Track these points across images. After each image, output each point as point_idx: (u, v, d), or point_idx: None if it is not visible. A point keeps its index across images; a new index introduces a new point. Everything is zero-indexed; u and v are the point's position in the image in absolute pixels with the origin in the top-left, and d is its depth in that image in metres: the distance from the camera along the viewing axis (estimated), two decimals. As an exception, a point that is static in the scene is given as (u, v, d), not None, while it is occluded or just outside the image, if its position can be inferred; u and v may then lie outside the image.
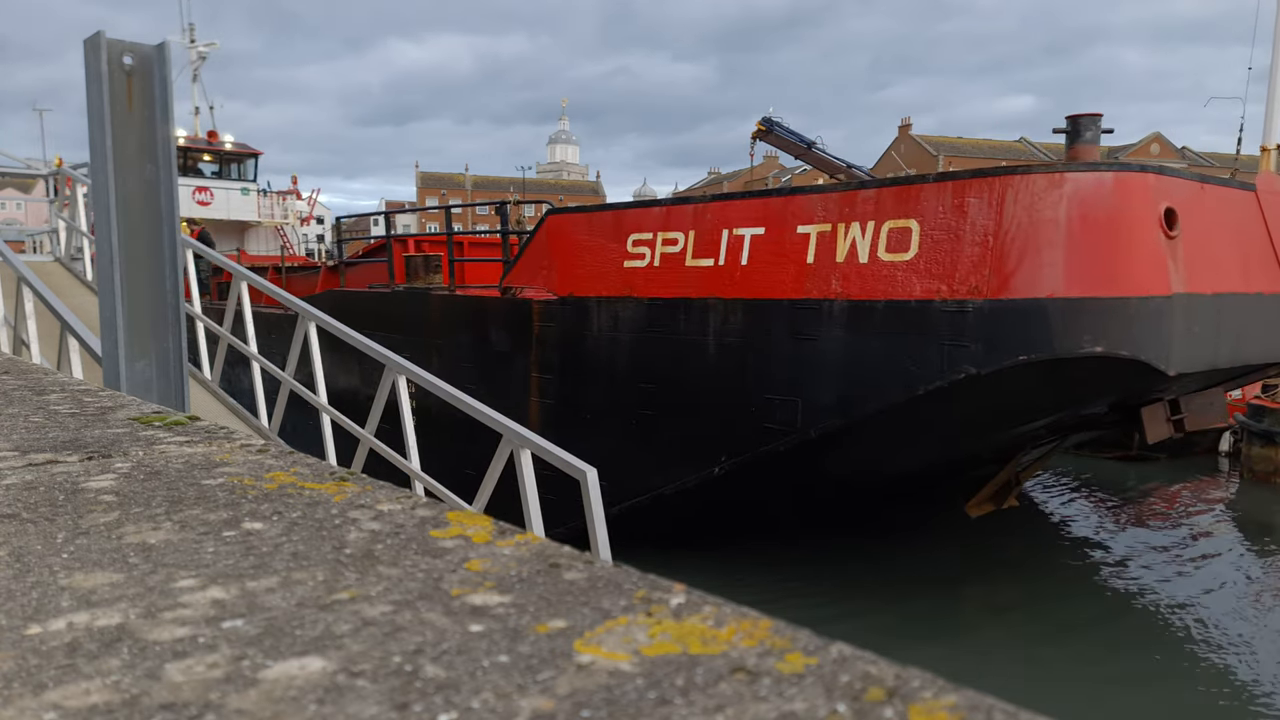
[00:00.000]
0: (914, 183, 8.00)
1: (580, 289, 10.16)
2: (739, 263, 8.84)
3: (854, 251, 8.14)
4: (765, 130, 30.39)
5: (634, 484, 9.70)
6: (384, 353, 6.17)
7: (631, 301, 9.69)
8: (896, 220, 7.95)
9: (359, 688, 0.79)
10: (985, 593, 9.83)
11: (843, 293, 8.17)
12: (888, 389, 8.00)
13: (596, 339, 10.02)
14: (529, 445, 5.16)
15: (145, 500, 1.51)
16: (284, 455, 1.84)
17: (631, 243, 9.67)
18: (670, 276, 9.38)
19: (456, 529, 1.26)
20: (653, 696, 0.75)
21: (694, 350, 9.21)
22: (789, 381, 8.59)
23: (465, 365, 11.31)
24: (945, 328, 7.67)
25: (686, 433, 9.36)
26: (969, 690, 0.73)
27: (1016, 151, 76.23)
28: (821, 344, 8.35)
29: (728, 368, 9.00)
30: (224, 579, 1.10)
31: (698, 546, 10.32)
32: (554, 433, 9.92)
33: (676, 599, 0.96)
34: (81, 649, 0.90)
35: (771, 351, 8.69)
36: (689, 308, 9.24)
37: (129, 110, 4.06)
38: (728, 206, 9.08)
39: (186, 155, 27.72)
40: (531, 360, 10.66)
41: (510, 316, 10.95)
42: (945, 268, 7.70)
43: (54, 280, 11.20)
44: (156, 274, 4.28)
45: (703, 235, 9.13)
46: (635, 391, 9.72)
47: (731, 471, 9.09)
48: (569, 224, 10.41)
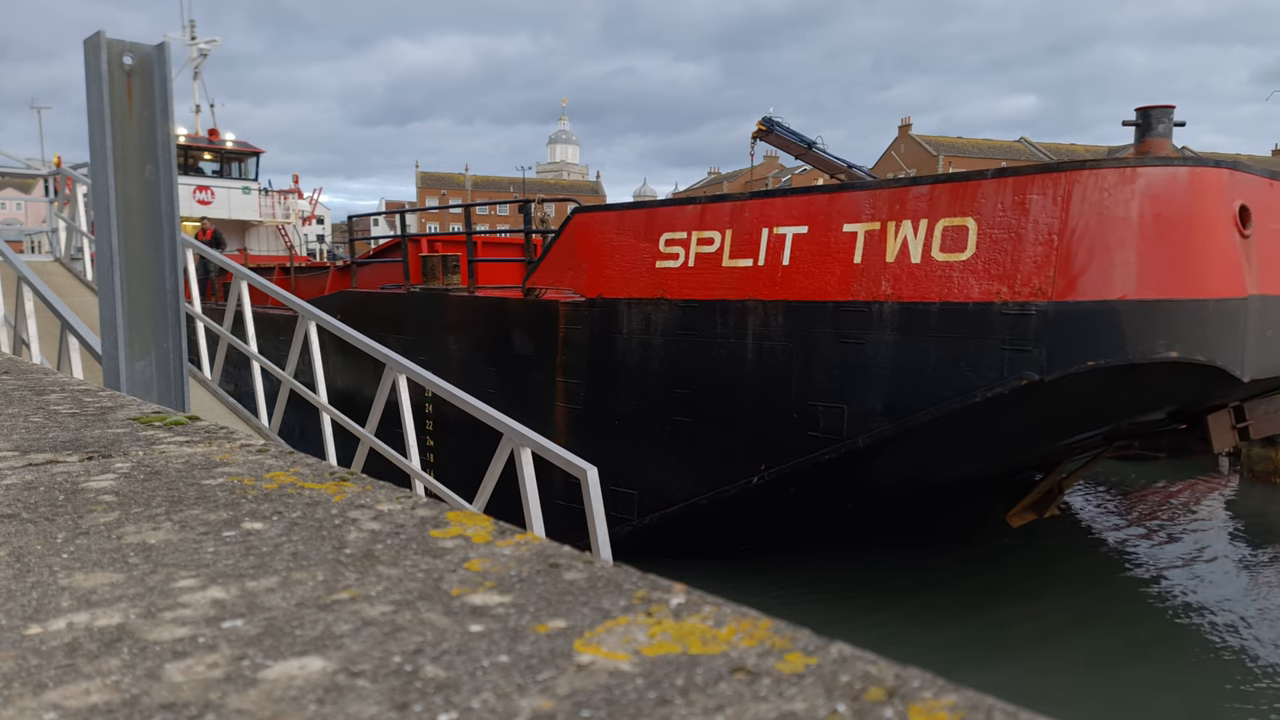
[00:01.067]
0: (970, 179, 7.60)
1: (609, 290, 9.76)
2: (780, 263, 8.46)
3: (905, 251, 7.76)
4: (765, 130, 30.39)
5: (667, 493, 9.42)
6: (384, 352, 6.17)
7: (664, 303, 9.30)
8: (952, 218, 7.56)
9: (359, 688, 0.79)
10: (1031, 609, 9.35)
11: (893, 294, 7.79)
12: (942, 395, 7.61)
13: (626, 342, 9.65)
14: (529, 444, 5.16)
15: (145, 500, 1.51)
16: (284, 455, 1.84)
17: (664, 242, 9.30)
18: (706, 277, 9.00)
19: (456, 529, 1.26)
20: (653, 696, 0.75)
21: (731, 354, 8.85)
22: (834, 387, 8.21)
23: (486, 369, 11.01)
24: (1006, 331, 7.28)
25: (724, 440, 8.98)
26: (969, 690, 0.73)
27: (1016, 152, 76.25)
28: (870, 348, 7.95)
29: (768, 372, 8.64)
30: (224, 579, 1.10)
31: (730, 557, 10.00)
32: (581, 438, 9.69)
33: (676, 599, 0.96)
34: (81, 649, 0.90)
35: (815, 356, 8.31)
36: (726, 310, 8.85)
37: (129, 110, 4.06)
38: (768, 204, 8.69)
39: (187, 154, 27.52)
40: (557, 364, 10.30)
41: (534, 318, 10.56)
42: (1006, 268, 7.32)
43: (54, 280, 11.21)
44: (156, 274, 4.28)
45: (741, 234, 8.74)
46: (668, 397, 9.36)
47: (772, 481, 8.71)
48: (597, 223, 10.00)
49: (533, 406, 10.23)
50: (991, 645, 8.51)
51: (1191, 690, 7.84)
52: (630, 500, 9.66)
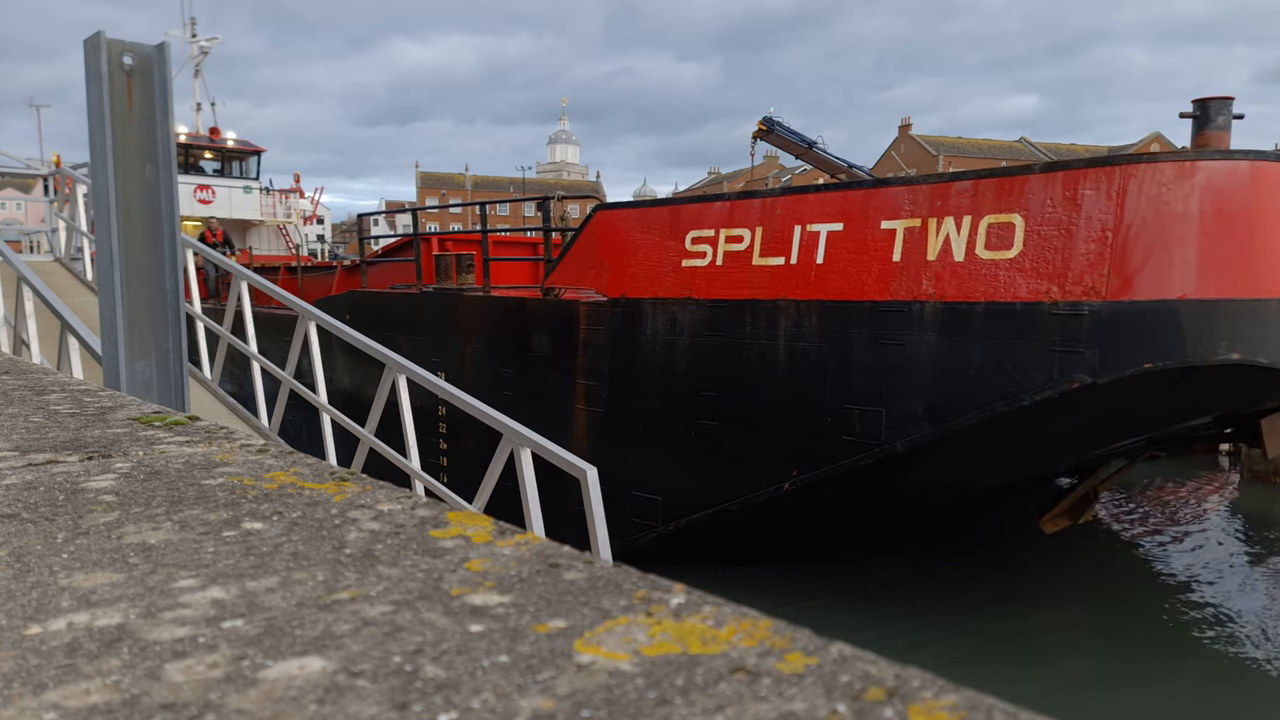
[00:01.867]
0: (1017, 173, 7.29)
1: (633, 290, 9.45)
2: (813, 261, 8.14)
3: (948, 249, 7.44)
4: (766, 130, 30.39)
5: (693, 499, 9.15)
6: (384, 352, 6.17)
7: (691, 303, 8.98)
8: (997, 215, 7.25)
9: (359, 688, 0.79)
10: (1060, 619, 9.06)
11: (935, 294, 7.47)
12: (987, 399, 7.30)
13: (651, 343, 9.33)
14: (529, 444, 5.16)
15: (145, 500, 1.51)
16: (284, 455, 1.84)
17: (690, 240, 8.97)
18: (735, 276, 8.67)
19: (456, 529, 1.26)
20: (653, 696, 0.75)
21: (761, 355, 8.53)
22: (872, 390, 7.88)
23: (502, 370, 10.77)
24: (1056, 332, 6.97)
25: (753, 445, 8.67)
26: (969, 690, 0.73)
27: (1016, 151, 76.28)
28: (910, 349, 7.63)
29: (801, 375, 8.30)
30: (224, 579, 1.10)
31: (756, 564, 9.73)
32: (602, 442, 9.54)
33: (676, 599, 0.96)
34: (81, 649, 0.90)
35: (851, 357, 7.97)
36: (756, 310, 8.54)
37: (129, 110, 4.06)
38: (800, 201, 8.35)
39: (188, 152, 27.24)
40: (577, 365, 9.98)
41: (553, 319, 10.25)
42: (1056, 266, 6.99)
43: (54, 280, 11.21)
44: (156, 274, 4.28)
45: (772, 232, 8.41)
46: (694, 400, 9.04)
47: (804, 487, 8.40)
48: (620, 220, 9.64)
49: (551, 409, 10.03)
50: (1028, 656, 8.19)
51: (1219, 701, 7.66)
52: (654, 506, 9.45)
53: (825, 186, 8.49)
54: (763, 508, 8.75)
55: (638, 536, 9.41)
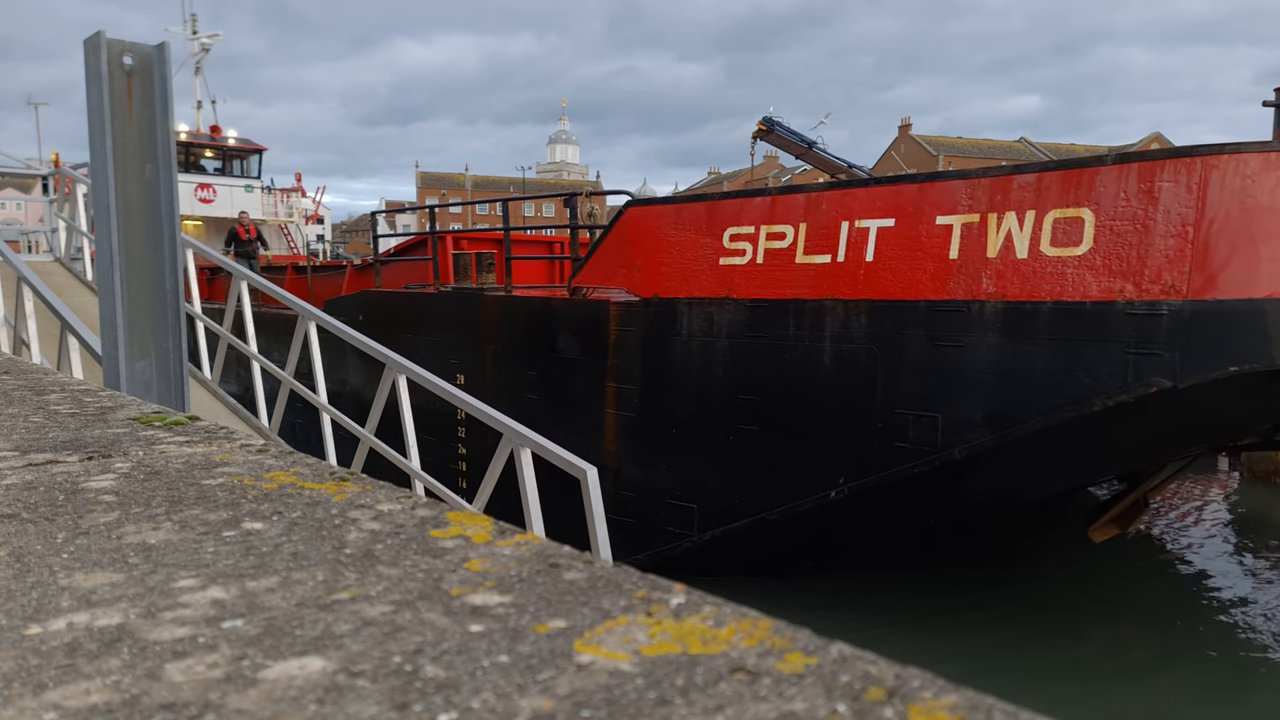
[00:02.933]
0: (1085, 165, 6.89)
1: (667, 289, 9.04)
2: (863, 259, 7.73)
3: (1009, 245, 7.06)
4: (765, 130, 30.39)
5: (731, 508, 8.76)
6: (384, 351, 6.17)
7: (729, 303, 8.58)
8: (1064, 209, 6.84)
9: (359, 688, 0.79)
10: (1111, 640, 8.56)
11: (996, 293, 7.09)
12: (1053, 404, 6.90)
13: (686, 345, 8.93)
14: (529, 444, 5.16)
15: (145, 500, 1.51)
16: (284, 455, 1.84)
17: (729, 237, 8.56)
18: (776, 275, 8.26)
19: (456, 529, 1.26)
20: (653, 696, 0.75)
21: (805, 358, 8.12)
22: (927, 395, 7.47)
23: (525, 373, 10.38)
24: (1131, 333, 6.59)
25: (797, 451, 8.25)
26: (969, 690, 0.73)
27: (1016, 151, 76.35)
28: (968, 351, 7.24)
29: (848, 378, 7.89)
30: (224, 579, 1.10)
31: (789, 576, 9.37)
32: (633, 447, 9.35)
33: (676, 599, 0.96)
34: (81, 649, 0.90)
35: (904, 360, 7.56)
36: (800, 310, 8.12)
37: (129, 110, 4.06)
38: (848, 195, 7.94)
39: (188, 151, 26.97)
40: (607, 368, 9.58)
41: (582, 320, 9.85)
42: (1130, 264, 6.59)
43: (54, 280, 11.21)
44: (156, 274, 4.28)
45: (817, 228, 7.99)
46: (733, 404, 8.64)
47: (851, 496, 7.99)
48: (653, 217, 9.23)
49: (578, 413, 9.74)
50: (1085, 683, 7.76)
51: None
52: (689, 515, 9.10)
53: (875, 180, 8.03)
54: (805, 517, 8.37)
55: (672, 546, 9.18)
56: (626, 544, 8.99)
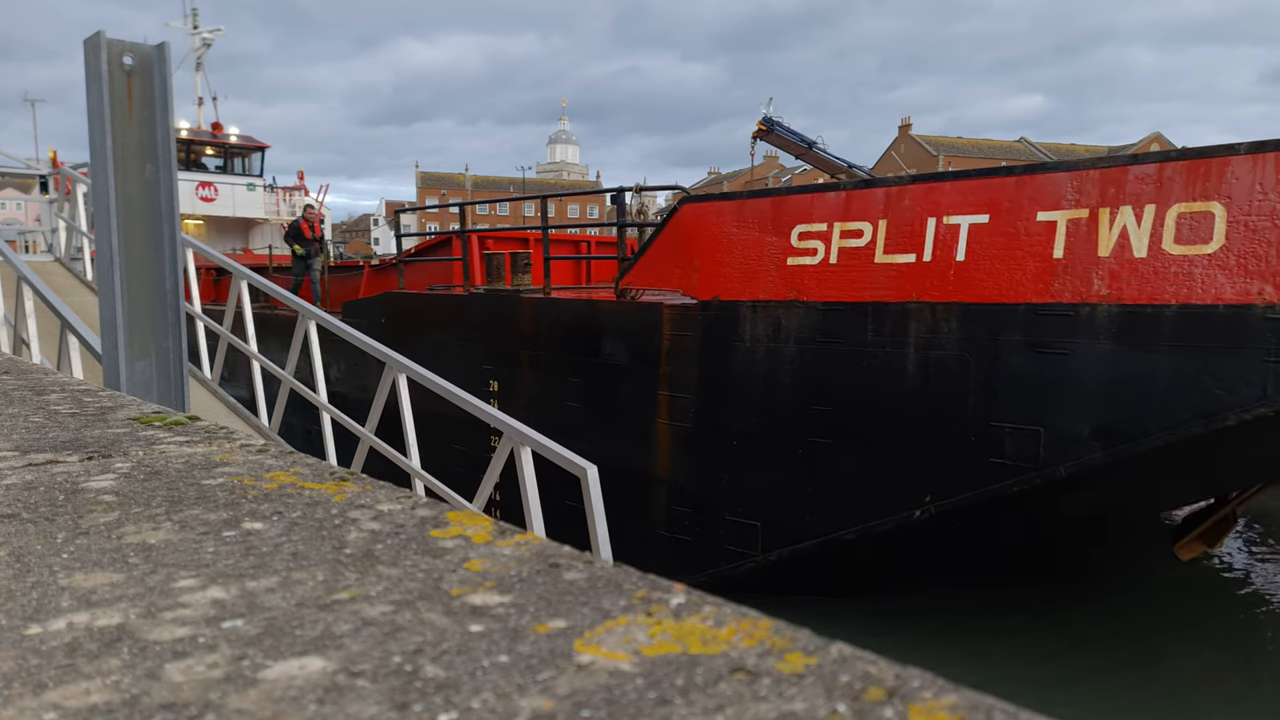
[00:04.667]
0: (1213, 155, 6.34)
1: (727, 291, 8.46)
2: (952, 258, 7.19)
3: (1125, 243, 6.48)
4: (766, 130, 30.41)
5: (800, 526, 8.20)
6: (383, 351, 6.17)
7: (799, 306, 8.01)
8: (1189, 203, 6.29)
9: (359, 688, 0.79)
10: (1198, 665, 7.97)
11: (1110, 295, 6.52)
12: (1179, 417, 6.33)
13: (749, 351, 8.35)
14: (529, 443, 5.16)
15: (145, 500, 1.51)
16: (284, 455, 1.84)
17: (798, 235, 7.99)
18: (853, 276, 7.71)
19: (456, 529, 1.26)
20: (653, 696, 0.75)
21: (886, 365, 7.56)
22: (1028, 406, 6.90)
23: (567, 380, 9.85)
24: (1272, 340, 6.06)
25: (876, 466, 7.68)
26: (968, 690, 0.73)
27: (1017, 151, 76.40)
28: (1077, 359, 6.67)
29: (936, 387, 7.33)
30: (224, 579, 1.10)
31: (849, 595, 8.83)
32: (690, 460, 8.87)
33: (676, 599, 0.96)
34: (81, 649, 0.90)
35: (1002, 368, 7.00)
36: (880, 314, 7.56)
37: (129, 110, 4.06)
38: (934, 190, 7.38)
39: (189, 148, 26.58)
40: (659, 375, 9.00)
41: (631, 324, 9.29)
42: (1271, 263, 6.08)
43: (54, 280, 11.21)
44: (156, 274, 4.28)
45: (899, 225, 7.45)
46: (802, 414, 8.08)
47: (938, 515, 7.42)
48: (712, 214, 8.64)
49: (626, 422, 9.25)
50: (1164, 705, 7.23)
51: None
52: (751, 533, 8.55)
53: (967, 173, 7.45)
54: (886, 537, 7.77)
55: (733, 566, 8.69)
56: (681, 563, 8.74)
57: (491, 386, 10.53)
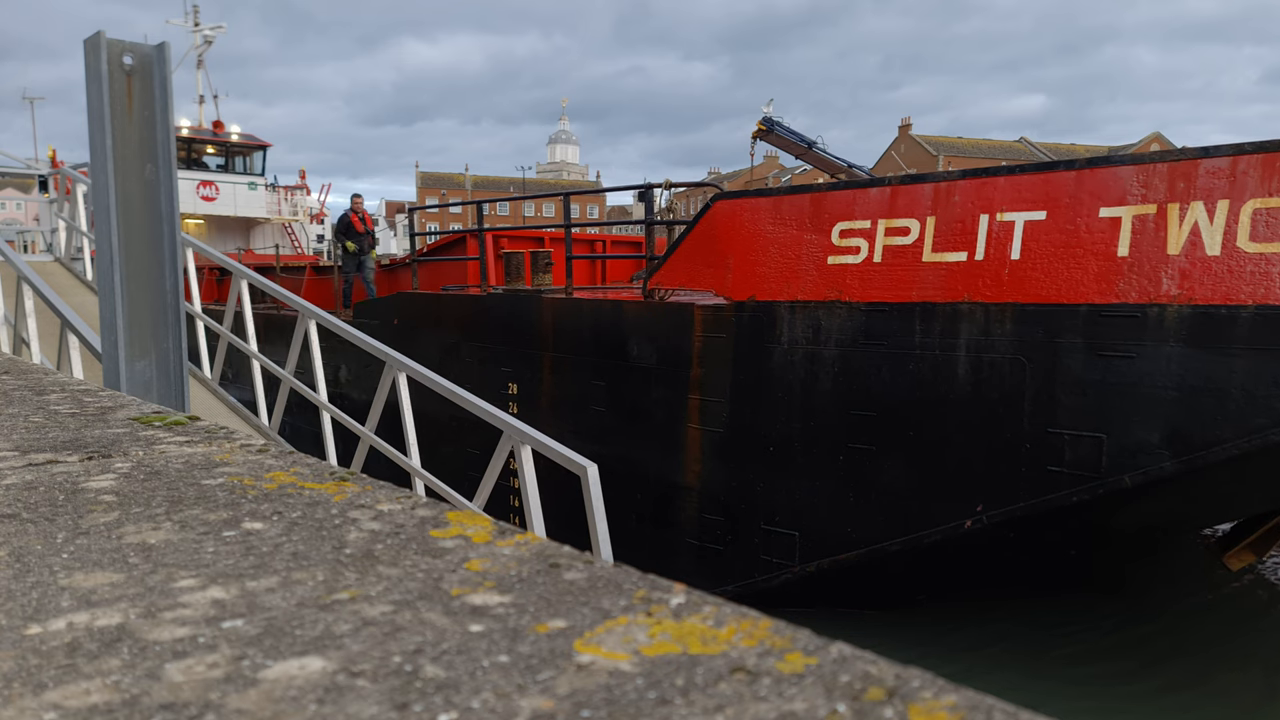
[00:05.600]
0: None
1: (763, 291, 8.14)
2: (1007, 257, 6.87)
3: (1196, 240, 6.17)
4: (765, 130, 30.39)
5: (841, 536, 7.87)
6: (383, 350, 6.17)
7: (840, 307, 7.68)
8: (1268, 198, 5.97)
9: (359, 688, 0.79)
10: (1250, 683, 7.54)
11: (1181, 295, 6.21)
12: (1258, 425, 6.00)
13: (787, 354, 8.03)
14: (529, 441, 5.16)
15: (145, 500, 1.51)
16: (284, 455, 1.84)
17: (839, 233, 7.69)
18: (899, 275, 7.38)
19: (456, 529, 1.26)
20: (653, 696, 0.75)
21: (934, 368, 7.25)
22: (1089, 412, 6.56)
23: (591, 383, 9.57)
24: None
25: (924, 474, 7.38)
26: (968, 690, 0.73)
27: (1016, 151, 76.42)
28: (1143, 363, 6.34)
29: (989, 392, 7.01)
30: (224, 579, 1.10)
31: (891, 608, 8.50)
32: (723, 467, 8.56)
33: (676, 599, 0.96)
34: (81, 649, 0.90)
35: (1060, 372, 6.67)
36: (928, 315, 7.24)
37: (129, 110, 4.06)
38: (987, 185, 7.03)
39: (190, 147, 26.27)
40: (690, 379, 8.71)
41: (660, 325, 8.98)
42: None
43: (54, 280, 11.21)
44: (156, 274, 4.28)
45: (949, 222, 7.13)
46: (844, 420, 7.75)
47: (990, 525, 7.10)
48: (747, 211, 8.32)
49: (654, 427, 8.99)
50: None
51: None
52: (789, 543, 8.23)
53: (1022, 167, 7.08)
54: (933, 549, 7.45)
55: (769, 577, 8.40)
56: (712, 573, 8.53)
57: (510, 389, 10.31)
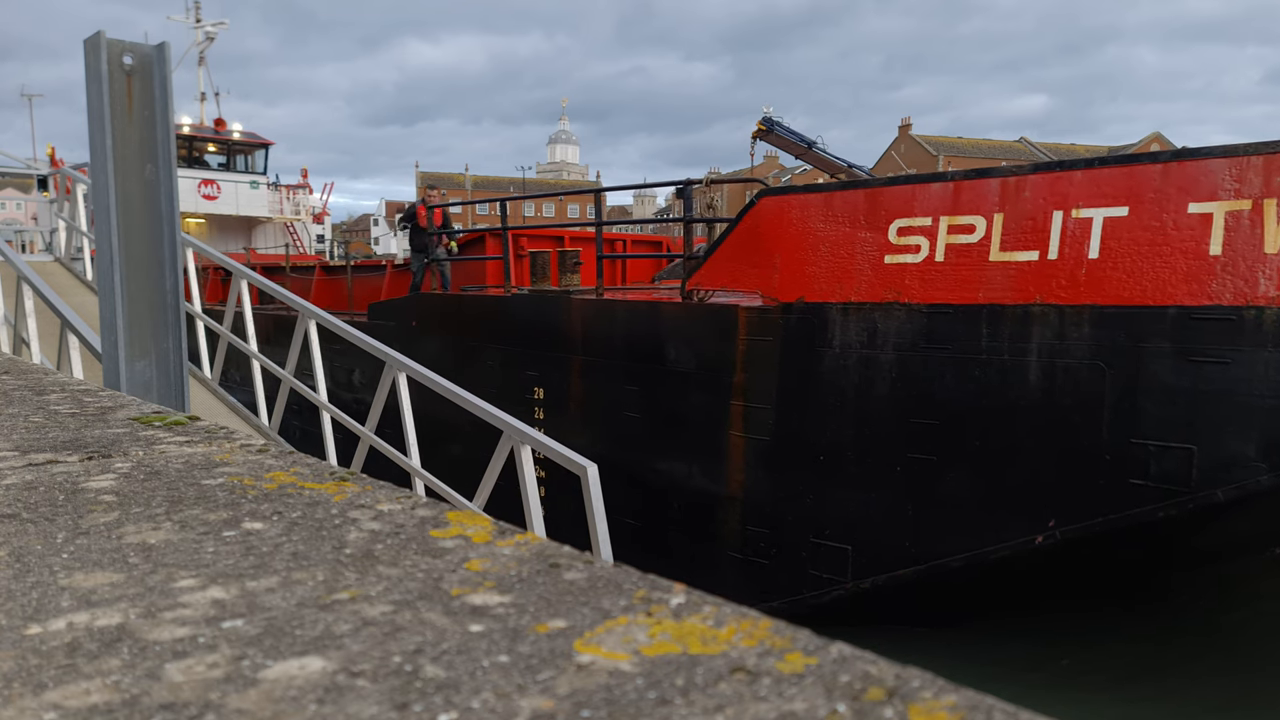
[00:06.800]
0: None
1: (814, 293, 7.74)
2: (1083, 256, 6.49)
3: None
4: (765, 130, 30.39)
5: (898, 550, 7.48)
6: (383, 350, 6.17)
7: (899, 309, 7.29)
8: None
9: (359, 688, 0.79)
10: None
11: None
12: None
13: (839, 358, 7.62)
14: (529, 442, 5.16)
15: (145, 500, 1.51)
16: (284, 455, 1.84)
17: (896, 231, 7.31)
18: (963, 275, 7.01)
19: (456, 529, 1.26)
20: (653, 696, 0.75)
21: (1003, 375, 6.86)
22: (1178, 421, 6.18)
23: (624, 388, 9.18)
24: None
25: (990, 487, 6.97)
26: (969, 690, 0.73)
27: (1016, 151, 76.43)
28: (1239, 369, 5.98)
29: (1064, 399, 6.62)
30: (224, 579, 1.10)
31: (947, 625, 8.02)
32: (768, 476, 8.14)
33: (676, 599, 0.96)
34: (81, 649, 0.90)
35: (1145, 378, 6.29)
36: (996, 317, 6.85)
37: (129, 110, 4.06)
38: (1060, 179, 6.63)
39: (191, 145, 26.01)
40: (733, 384, 8.30)
41: (701, 328, 8.59)
42: None
43: (54, 280, 11.20)
44: (156, 274, 4.28)
45: (1019, 219, 6.76)
46: (903, 428, 7.36)
47: (1063, 542, 6.72)
48: (794, 208, 7.90)
49: (692, 435, 8.62)
50: None
51: None
52: (841, 557, 7.81)
53: (1102, 160, 6.70)
54: (999, 565, 7.04)
55: (818, 593, 7.98)
56: (757, 588, 8.19)
57: (536, 394, 10.00)
